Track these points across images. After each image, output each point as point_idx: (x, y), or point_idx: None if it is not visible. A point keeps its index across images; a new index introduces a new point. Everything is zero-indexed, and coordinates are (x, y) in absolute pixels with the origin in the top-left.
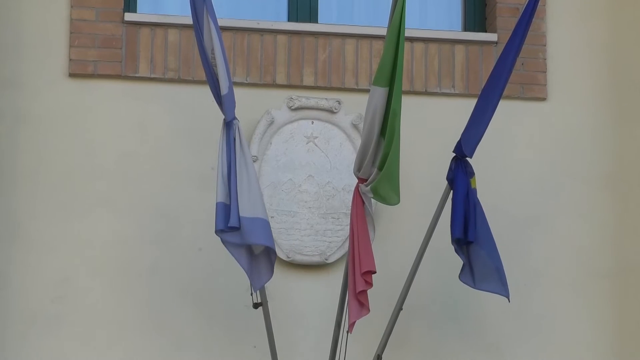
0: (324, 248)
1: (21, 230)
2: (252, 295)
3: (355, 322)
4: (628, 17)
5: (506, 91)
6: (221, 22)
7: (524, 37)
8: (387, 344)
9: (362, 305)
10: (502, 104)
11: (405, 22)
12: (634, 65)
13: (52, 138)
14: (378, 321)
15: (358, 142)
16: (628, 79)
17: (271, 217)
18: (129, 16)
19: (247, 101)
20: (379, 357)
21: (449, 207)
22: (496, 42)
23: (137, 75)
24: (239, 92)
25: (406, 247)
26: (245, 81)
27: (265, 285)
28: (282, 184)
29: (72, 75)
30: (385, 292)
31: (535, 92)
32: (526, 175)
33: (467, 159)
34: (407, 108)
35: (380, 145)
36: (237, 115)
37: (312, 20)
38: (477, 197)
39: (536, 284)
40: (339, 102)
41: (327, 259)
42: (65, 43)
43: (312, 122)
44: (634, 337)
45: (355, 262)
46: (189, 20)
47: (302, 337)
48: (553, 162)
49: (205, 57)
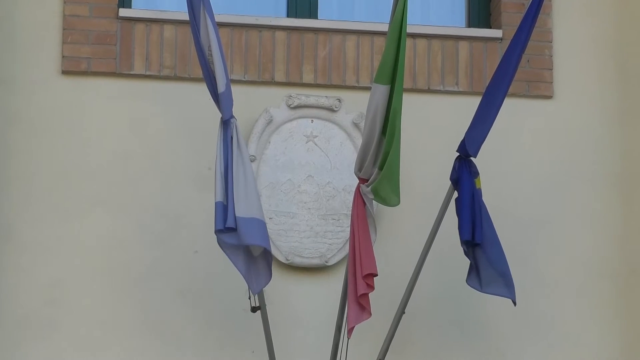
0: (324, 250)
1: (14, 232)
2: (250, 298)
3: (354, 326)
4: (636, 12)
5: (511, 89)
6: (218, 18)
7: (529, 33)
8: (389, 348)
9: (363, 309)
10: (507, 102)
11: (408, 18)
12: None
13: (45, 137)
14: (379, 325)
15: (359, 141)
16: (637, 76)
17: (269, 218)
18: (123, 12)
19: (245, 99)
20: None
21: (452, 208)
22: (501, 39)
23: (132, 72)
24: (236, 90)
25: (408, 249)
26: (243, 79)
27: (263, 288)
28: (281, 184)
29: (65, 72)
30: (387, 296)
31: (541, 89)
32: (531, 175)
33: (471, 158)
34: (409, 106)
35: (382, 144)
36: (234, 114)
37: (312, 16)
38: (482, 198)
39: (541, 286)
40: (339, 100)
41: (327, 262)
42: (58, 39)
43: (312, 120)
44: None
45: (357, 265)
46: (185, 16)
47: (302, 341)
48: (559, 161)
49: (202, 54)
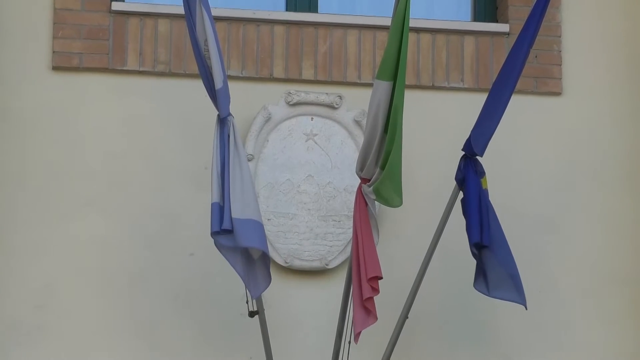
0: (324, 253)
1: (2, 233)
2: (248, 303)
3: (361, 331)
4: None
5: (519, 85)
6: (215, 12)
7: (537, 27)
8: (392, 354)
9: (368, 313)
10: (514, 99)
11: (411, 12)
12: None
13: (35, 136)
14: (382, 331)
15: (360, 139)
16: None
17: (268, 219)
18: (116, 5)
19: (243, 96)
20: None
21: (457, 209)
22: (508, 33)
23: (125, 68)
24: (233, 86)
25: (412, 251)
26: (241, 75)
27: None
28: (280, 184)
29: (55, 68)
30: (390, 300)
31: (550, 86)
32: (539, 174)
33: (477, 157)
34: (413, 103)
35: (384, 143)
36: (231, 111)
37: (312, 10)
38: (489, 199)
39: (550, 290)
40: (340, 97)
41: (327, 265)
42: (48, 34)
43: (312, 118)
44: None
45: (361, 268)
46: (180, 9)
47: (301, 347)
48: (568, 160)
49: (197, 49)
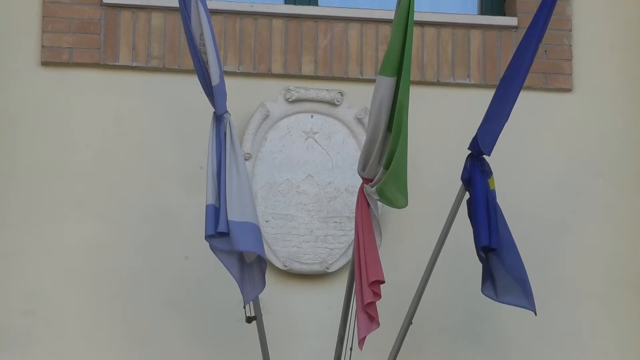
0: (324, 256)
1: None
2: (245, 308)
3: (365, 337)
4: None
5: (527, 81)
6: (210, 5)
7: (547, 21)
8: None
9: (371, 318)
10: (523, 95)
11: (415, 5)
12: None
13: (22, 134)
14: (385, 337)
15: (362, 138)
16: None
17: (266, 221)
18: None
19: (240, 93)
20: None
21: (463, 210)
22: (516, 27)
23: (117, 63)
24: (230, 82)
25: (416, 254)
26: (238, 70)
27: (259, 297)
28: (279, 184)
29: (44, 63)
30: (393, 305)
31: (560, 82)
32: (549, 174)
33: (484, 156)
34: (417, 100)
35: (387, 141)
36: (228, 109)
37: (312, 3)
38: (496, 200)
39: (560, 294)
40: (341, 94)
41: (328, 268)
42: (37, 28)
43: (312, 115)
44: None
45: (362, 272)
46: (174, 2)
47: (301, 354)
48: (579, 160)
49: (193, 44)
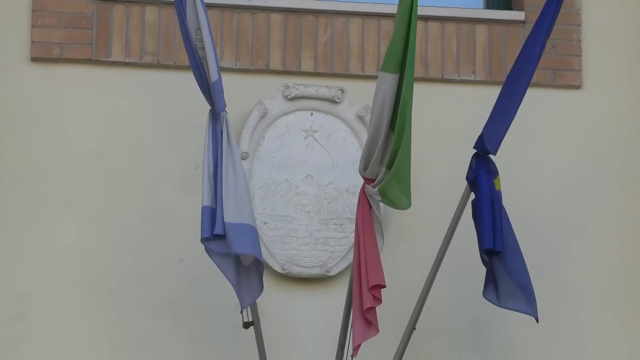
0: (325, 259)
1: None
2: (243, 313)
3: (360, 344)
4: None
5: (535, 78)
6: None
7: (555, 15)
8: None
9: (369, 324)
10: (530, 92)
11: None
12: None
13: (11, 132)
14: (387, 343)
15: (364, 136)
16: None
17: (264, 222)
18: None
19: (237, 90)
20: None
21: (468, 212)
22: (523, 22)
23: (109, 59)
24: (227, 79)
25: (419, 258)
26: (235, 66)
27: (256, 301)
28: (277, 184)
29: (34, 59)
30: (396, 310)
31: (569, 79)
32: (557, 174)
33: (490, 156)
34: (420, 97)
35: (390, 140)
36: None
37: None
38: (502, 201)
39: (567, 299)
40: (342, 91)
41: (328, 271)
42: (26, 22)
43: (312, 113)
44: None
45: (362, 275)
46: None
47: None
48: (588, 159)
49: (188, 39)
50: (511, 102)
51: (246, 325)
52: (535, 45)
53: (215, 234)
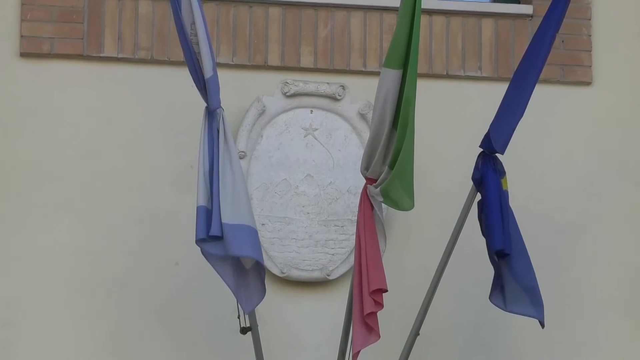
0: (325, 262)
1: None
2: (240, 318)
3: (360, 351)
4: None
5: (544, 74)
6: None
7: (564, 8)
8: None
9: (370, 330)
10: (539, 89)
11: None
12: None
13: (0, 130)
14: (390, 350)
15: (365, 135)
16: None
17: (262, 224)
18: None
19: (234, 86)
20: None
21: (473, 212)
22: (531, 16)
23: (101, 55)
24: (223, 75)
25: (424, 261)
26: (231, 62)
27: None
28: (276, 185)
29: (23, 54)
30: (399, 315)
31: (578, 75)
32: (566, 174)
33: (497, 155)
34: (424, 94)
35: (392, 138)
36: (221, 103)
37: None
38: (509, 202)
39: (576, 303)
40: (343, 88)
41: (329, 275)
42: (15, 16)
43: (311, 111)
44: None
45: (363, 279)
46: None
47: None
48: (598, 158)
49: (183, 34)
50: (519, 100)
51: (244, 330)
52: (543, 40)
53: (211, 235)
